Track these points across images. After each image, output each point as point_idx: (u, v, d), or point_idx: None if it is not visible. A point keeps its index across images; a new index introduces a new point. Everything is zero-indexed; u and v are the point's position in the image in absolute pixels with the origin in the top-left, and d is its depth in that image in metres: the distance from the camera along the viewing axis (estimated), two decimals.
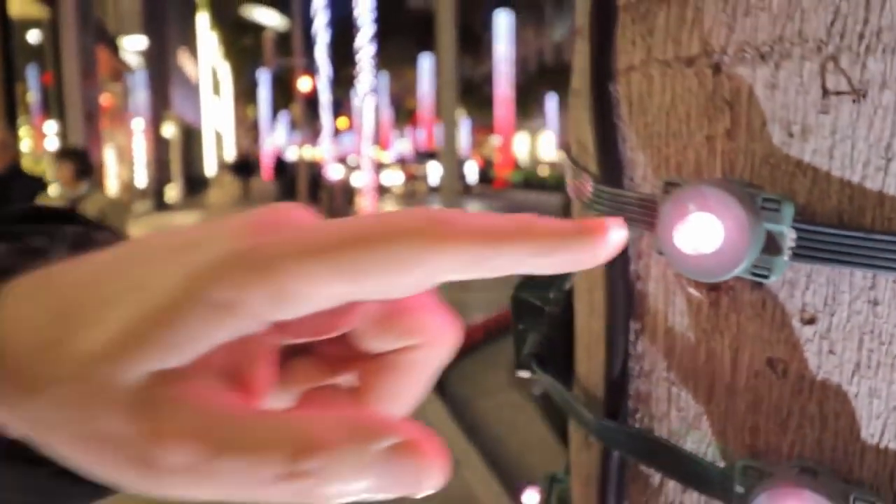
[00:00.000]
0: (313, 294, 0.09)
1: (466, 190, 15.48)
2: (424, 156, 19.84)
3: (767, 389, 0.24)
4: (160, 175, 12.61)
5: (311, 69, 11.05)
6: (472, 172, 18.36)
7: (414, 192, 18.17)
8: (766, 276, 0.22)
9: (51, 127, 6.54)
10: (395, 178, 18.53)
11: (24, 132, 5.76)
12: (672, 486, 0.27)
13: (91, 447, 0.09)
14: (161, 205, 12.16)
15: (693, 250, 0.21)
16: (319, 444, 0.08)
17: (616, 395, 0.29)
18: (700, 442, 0.27)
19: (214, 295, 0.09)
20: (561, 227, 0.10)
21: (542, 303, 0.38)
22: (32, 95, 6.41)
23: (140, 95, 11.43)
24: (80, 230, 0.15)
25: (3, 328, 0.10)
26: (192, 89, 18.37)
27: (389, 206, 14.37)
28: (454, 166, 5.36)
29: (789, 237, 0.21)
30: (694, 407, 0.27)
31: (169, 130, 14.31)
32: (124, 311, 0.09)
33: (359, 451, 0.08)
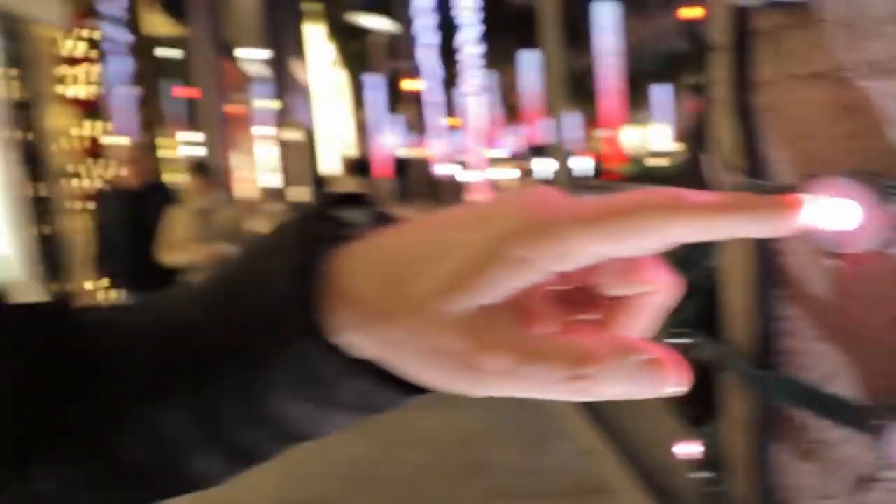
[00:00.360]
0: (586, 252, 0.12)
1: (579, 183, 14.96)
2: (535, 151, 19.78)
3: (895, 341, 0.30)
4: (288, 177, 13.52)
5: (418, 71, 11.11)
6: (583, 166, 17.90)
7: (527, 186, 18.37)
8: (893, 247, 0.28)
9: (185, 136, 7.45)
10: (507, 173, 18.73)
11: (160, 142, 6.25)
12: (818, 424, 0.33)
13: (432, 359, 0.13)
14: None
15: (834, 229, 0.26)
16: (594, 357, 0.11)
17: (766, 351, 0.36)
18: (840, 387, 0.33)
19: (516, 253, 0.12)
20: (770, 202, 0.12)
21: (691, 279, 0.45)
22: (167, 107, 7.14)
23: (264, 103, 12.31)
24: (377, 210, 0.17)
25: (350, 280, 0.13)
26: (307, 95, 19.13)
27: None
28: (564, 161, 5.37)
29: None
30: (833, 358, 0.33)
31: (293, 135, 15.02)
32: (448, 264, 0.12)
33: (621, 362, 0.11)
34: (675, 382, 0.12)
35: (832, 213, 0.13)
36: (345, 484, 2.16)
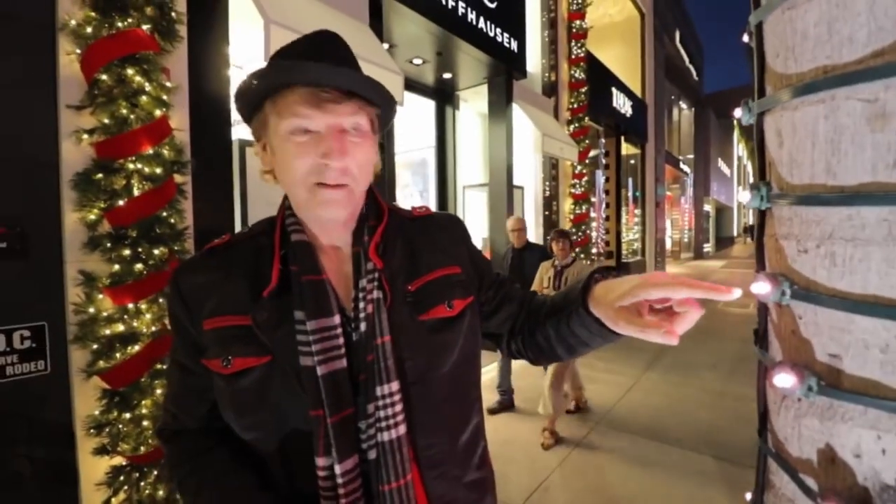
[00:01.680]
0: (651, 294, 0.54)
1: None
2: None
3: None
4: (699, 236, 19.48)
5: None
6: None
7: None
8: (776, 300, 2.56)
9: (636, 212, 11.46)
10: None
11: (623, 216, 10.48)
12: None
13: (611, 320, 0.60)
14: (699, 255, 19.10)
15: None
16: (664, 324, 0.53)
17: None
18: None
19: (633, 291, 0.56)
20: (713, 286, 0.50)
21: None
22: (629, 194, 11.45)
23: (688, 189, 17.83)
24: (613, 273, 0.67)
25: (596, 292, 0.64)
26: (726, 180, 25.88)
27: None
28: None
29: None
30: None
31: (707, 208, 20.86)
32: (618, 290, 0.59)
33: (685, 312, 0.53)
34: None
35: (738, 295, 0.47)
36: None
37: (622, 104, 9.54)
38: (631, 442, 3.13)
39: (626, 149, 10.68)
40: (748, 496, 0.71)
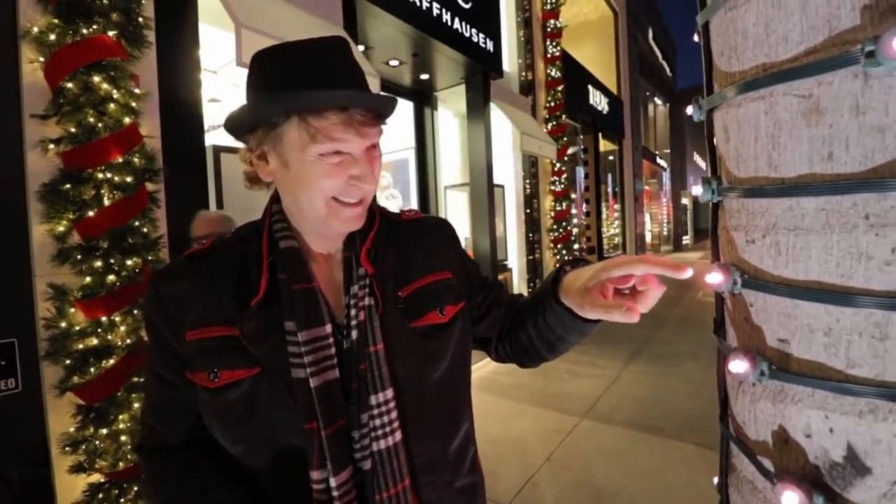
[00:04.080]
0: (613, 273, 0.55)
1: None
2: None
3: None
4: (678, 229, 20.24)
5: None
6: None
7: None
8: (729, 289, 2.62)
9: (616, 207, 11.63)
10: None
11: (604, 211, 10.63)
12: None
13: (578, 305, 0.61)
14: (678, 247, 19.80)
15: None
16: (627, 304, 0.54)
17: None
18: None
19: (598, 272, 0.58)
20: (676, 264, 0.50)
21: None
22: (608, 190, 11.66)
23: (666, 183, 18.37)
24: (585, 261, 0.69)
25: (566, 281, 0.65)
26: (701, 173, 26.35)
27: None
28: None
29: None
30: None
31: (684, 201, 21.21)
32: (584, 275, 0.61)
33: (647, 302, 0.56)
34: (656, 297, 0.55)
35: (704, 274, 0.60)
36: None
37: (598, 101, 9.68)
38: (616, 434, 3.18)
39: (604, 145, 10.84)
40: (715, 480, 0.73)
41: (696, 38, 0.66)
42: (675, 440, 3.04)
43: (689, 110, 0.64)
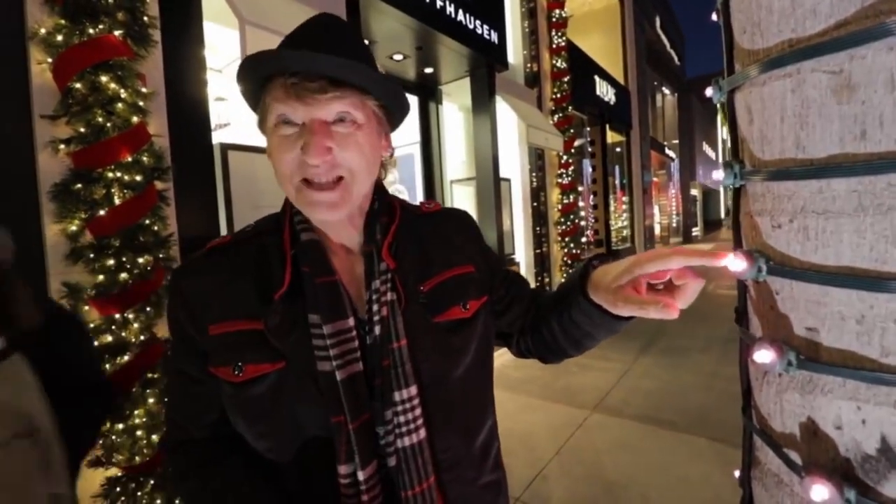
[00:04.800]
0: (647, 268, 0.53)
1: None
2: None
3: None
4: (687, 221, 20.06)
5: None
6: None
7: None
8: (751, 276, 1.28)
9: (624, 199, 11.51)
10: None
11: (612, 204, 10.55)
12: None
13: (609, 302, 0.58)
14: (687, 238, 19.73)
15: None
16: (663, 300, 0.53)
17: None
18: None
19: (630, 268, 0.55)
20: (709, 252, 0.49)
21: None
22: (616, 182, 11.56)
23: (674, 175, 18.31)
24: (614, 258, 0.61)
25: (594, 277, 0.62)
26: (712, 164, 26.83)
27: None
28: None
29: None
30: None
31: (694, 192, 21.26)
32: (613, 272, 0.58)
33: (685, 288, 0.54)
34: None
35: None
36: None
37: (605, 92, 9.57)
38: (627, 427, 3.16)
39: (612, 137, 10.71)
40: (736, 473, 0.71)
41: (714, 16, 0.63)
42: (687, 434, 3.01)
43: (709, 92, 0.62)
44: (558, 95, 6.93)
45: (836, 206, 0.47)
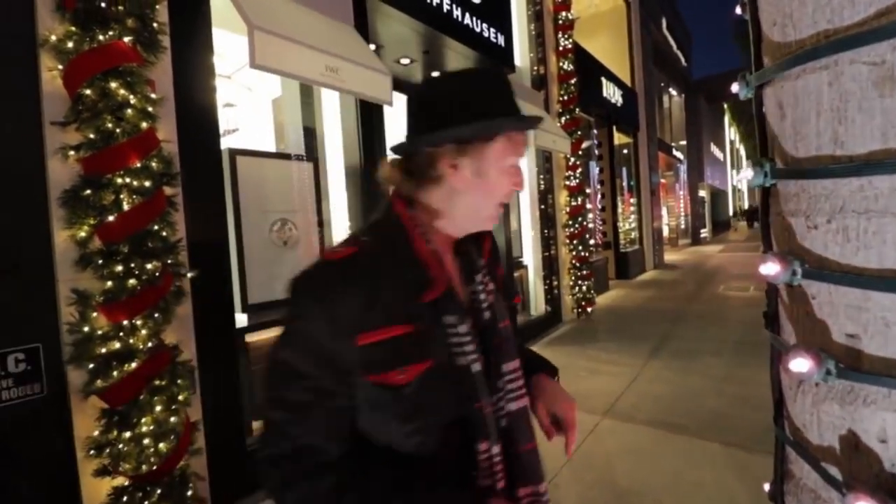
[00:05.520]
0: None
1: None
2: None
3: None
4: (696, 222, 19.67)
5: None
6: None
7: None
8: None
9: (632, 201, 11.43)
10: None
11: (619, 206, 10.47)
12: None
13: (537, 408, 0.85)
14: (696, 240, 19.27)
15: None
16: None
17: None
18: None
19: (554, 410, 0.85)
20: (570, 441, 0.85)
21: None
22: (623, 184, 11.49)
23: (682, 176, 18.04)
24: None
25: (541, 382, 0.88)
26: (720, 165, 26.71)
27: None
28: None
29: None
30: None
31: (702, 193, 21.43)
32: (557, 404, 0.85)
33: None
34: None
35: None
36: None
37: (612, 94, 9.52)
38: (638, 432, 3.11)
39: (619, 138, 10.67)
40: (766, 487, 0.68)
41: (738, 10, 0.61)
42: (699, 439, 2.96)
43: (735, 88, 0.59)
44: (565, 98, 6.90)
45: (878, 205, 0.44)
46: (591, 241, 7.66)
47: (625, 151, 11.38)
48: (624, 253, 10.19)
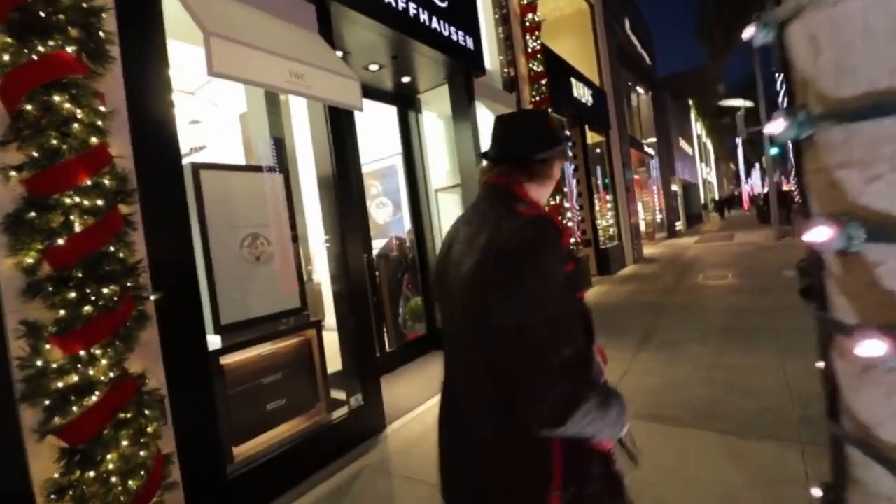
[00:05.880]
0: None
1: None
2: None
3: None
4: (671, 215, 20.34)
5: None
6: None
7: None
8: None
9: (608, 198, 11.55)
10: None
11: (596, 203, 10.56)
12: None
13: None
14: (672, 233, 19.90)
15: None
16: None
17: None
18: None
19: None
20: None
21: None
22: (598, 182, 11.60)
23: (654, 171, 18.69)
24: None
25: None
26: (689, 159, 28.15)
27: None
28: None
29: None
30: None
31: (674, 187, 21.95)
32: None
33: None
34: None
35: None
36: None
37: (582, 94, 9.62)
38: (634, 427, 3.06)
39: (591, 137, 10.79)
40: (815, 492, 0.59)
41: None
42: (694, 429, 2.93)
43: (747, 34, 0.51)
44: (537, 98, 6.92)
45: None
46: (572, 239, 7.67)
47: (598, 150, 11.51)
48: (604, 249, 10.26)
